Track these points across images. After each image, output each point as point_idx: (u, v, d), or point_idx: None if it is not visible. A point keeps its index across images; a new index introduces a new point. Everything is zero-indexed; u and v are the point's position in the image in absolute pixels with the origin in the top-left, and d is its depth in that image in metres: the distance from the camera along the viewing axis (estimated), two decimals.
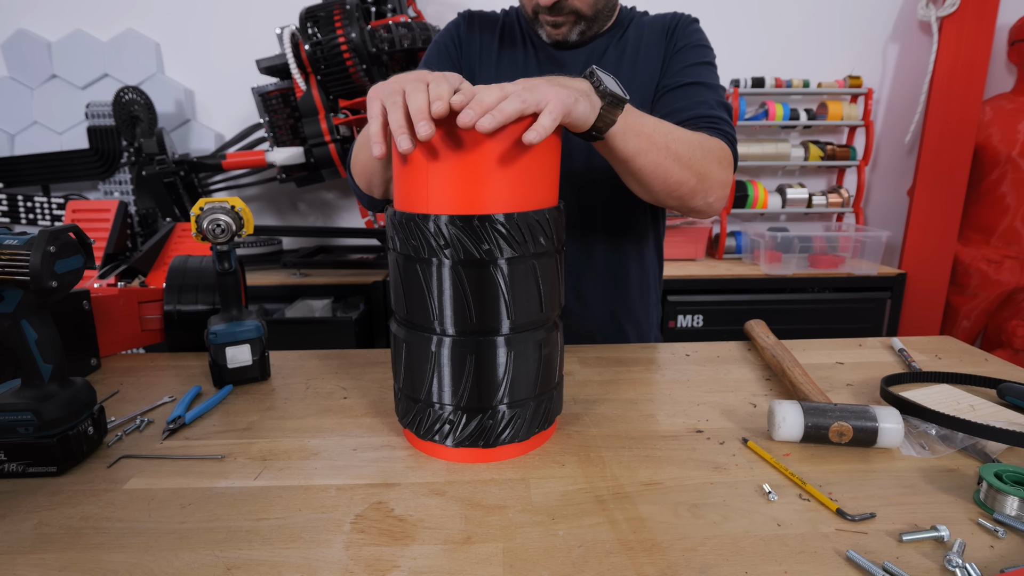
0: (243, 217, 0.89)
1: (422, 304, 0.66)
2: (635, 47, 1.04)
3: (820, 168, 2.74)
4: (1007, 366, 0.98)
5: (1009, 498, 0.57)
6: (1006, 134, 2.39)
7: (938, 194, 2.48)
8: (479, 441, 0.68)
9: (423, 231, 0.63)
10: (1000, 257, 2.45)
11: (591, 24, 1.02)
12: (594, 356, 1.02)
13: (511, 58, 1.09)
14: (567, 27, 1.01)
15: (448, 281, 0.64)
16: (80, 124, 2.46)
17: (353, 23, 1.96)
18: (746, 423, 0.78)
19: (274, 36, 2.28)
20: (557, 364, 0.73)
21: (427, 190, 0.63)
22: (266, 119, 2.18)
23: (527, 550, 0.54)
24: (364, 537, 0.55)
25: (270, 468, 0.67)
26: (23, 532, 0.56)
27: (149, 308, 1.07)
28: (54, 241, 0.64)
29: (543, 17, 1.00)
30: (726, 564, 0.52)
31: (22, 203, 2.31)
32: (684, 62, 1.00)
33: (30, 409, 0.64)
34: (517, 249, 0.64)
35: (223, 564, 0.52)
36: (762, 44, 2.58)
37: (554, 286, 0.69)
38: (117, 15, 2.42)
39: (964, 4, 2.33)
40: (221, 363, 0.88)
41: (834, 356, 1.03)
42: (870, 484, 0.64)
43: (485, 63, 1.10)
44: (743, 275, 2.34)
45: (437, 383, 0.67)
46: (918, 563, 0.51)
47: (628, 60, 1.04)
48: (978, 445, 0.71)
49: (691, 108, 0.95)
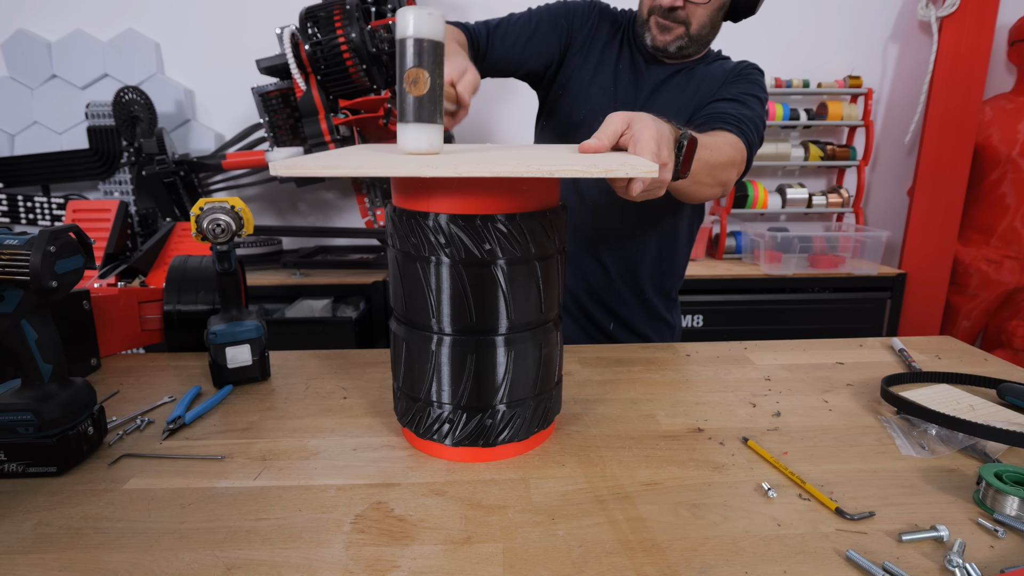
0: (243, 217, 0.89)
1: (421, 302, 0.66)
2: (701, 78, 1.12)
3: (820, 168, 2.74)
4: (1007, 366, 0.98)
5: (1009, 498, 0.57)
6: (1006, 134, 2.39)
7: (938, 194, 2.48)
8: (478, 440, 0.68)
9: (423, 229, 0.63)
10: (1000, 257, 2.45)
11: (691, 43, 1.09)
12: (594, 356, 1.02)
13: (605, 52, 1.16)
14: (672, 36, 1.08)
15: (448, 280, 0.64)
16: (80, 124, 2.46)
17: (353, 23, 1.96)
18: (746, 423, 0.78)
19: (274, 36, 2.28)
20: (557, 364, 0.73)
21: (428, 187, 0.63)
22: (266, 119, 2.18)
23: (527, 550, 0.54)
24: (364, 537, 0.55)
25: (270, 468, 0.67)
26: (23, 532, 0.56)
27: (149, 308, 1.07)
28: (54, 241, 0.64)
29: (655, 19, 1.08)
30: (726, 564, 0.52)
31: (22, 203, 2.31)
32: (734, 88, 1.08)
33: (30, 409, 0.64)
34: (518, 249, 0.63)
35: (223, 564, 0.52)
36: (762, 44, 2.58)
37: (554, 287, 0.69)
38: (117, 15, 2.42)
39: (964, 4, 2.33)
40: (221, 363, 0.88)
41: (834, 356, 1.03)
42: (870, 484, 0.64)
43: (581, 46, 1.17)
44: (743, 275, 2.34)
45: (437, 382, 0.67)
46: (918, 563, 0.51)
47: (691, 88, 1.12)
48: (978, 445, 0.71)
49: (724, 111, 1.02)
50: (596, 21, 1.18)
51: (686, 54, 1.12)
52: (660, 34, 1.09)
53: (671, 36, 1.08)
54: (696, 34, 1.08)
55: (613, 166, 0.56)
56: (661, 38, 1.09)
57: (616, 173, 0.56)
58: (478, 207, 0.62)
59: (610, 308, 1.22)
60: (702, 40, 1.10)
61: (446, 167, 0.54)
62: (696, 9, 1.04)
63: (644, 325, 1.25)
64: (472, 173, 0.54)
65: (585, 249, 1.19)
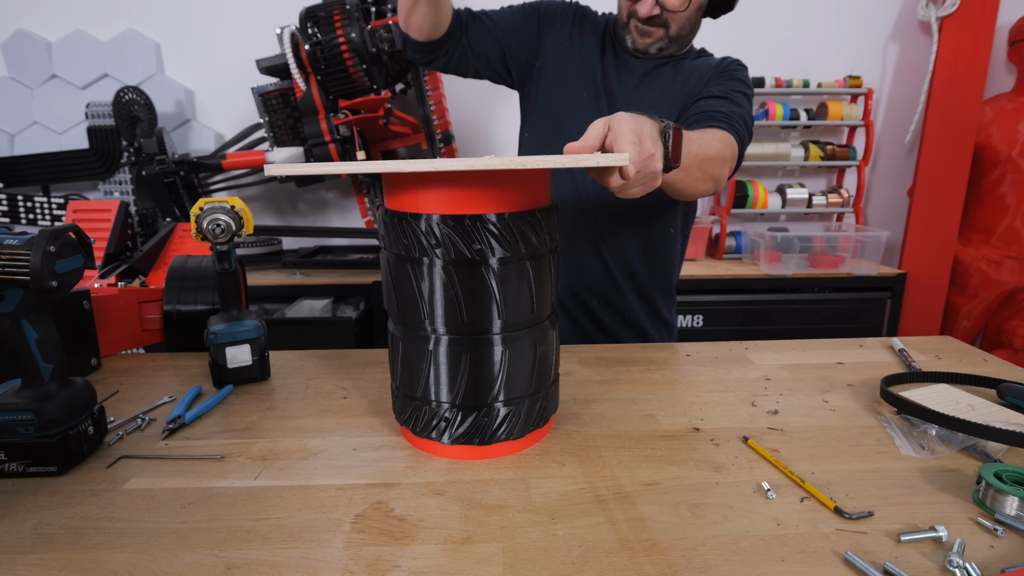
0: (243, 217, 0.89)
1: (413, 304, 0.66)
2: (688, 72, 1.14)
3: (820, 168, 2.74)
4: (1007, 366, 0.98)
5: (1009, 498, 0.57)
6: (1006, 134, 2.38)
7: (938, 194, 2.48)
8: (475, 438, 0.68)
9: (414, 230, 0.63)
10: (1000, 257, 2.45)
11: (671, 43, 1.12)
12: (594, 356, 1.02)
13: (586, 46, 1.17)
14: (652, 39, 1.11)
15: (439, 281, 0.64)
16: (80, 124, 2.45)
17: (353, 23, 1.96)
18: (746, 423, 0.78)
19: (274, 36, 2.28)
20: (552, 362, 0.73)
21: (418, 189, 0.63)
22: (266, 119, 2.18)
23: (527, 550, 0.54)
24: (364, 537, 0.55)
25: (270, 468, 0.67)
26: (23, 532, 0.56)
27: (149, 308, 1.07)
28: (54, 241, 0.64)
29: (634, 23, 1.11)
30: (726, 564, 0.52)
31: (22, 203, 2.31)
32: (720, 84, 1.10)
33: (30, 409, 0.64)
34: (508, 249, 0.64)
35: (223, 564, 0.52)
36: (762, 44, 2.58)
37: (546, 286, 0.69)
38: (117, 15, 2.42)
39: (964, 4, 2.33)
40: (221, 363, 0.88)
41: (834, 356, 1.03)
42: (870, 484, 0.64)
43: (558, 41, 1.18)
44: (743, 275, 2.34)
45: (434, 380, 0.67)
46: (918, 563, 0.51)
47: (679, 81, 1.14)
48: (978, 445, 0.71)
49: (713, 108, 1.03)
50: (573, 16, 1.20)
51: (667, 54, 1.15)
52: (640, 38, 1.12)
53: (651, 39, 1.12)
54: (676, 35, 1.11)
55: (586, 160, 0.58)
56: (641, 41, 1.12)
57: (587, 162, 0.57)
58: (468, 207, 0.62)
59: (608, 306, 1.23)
60: (682, 40, 1.13)
61: (425, 163, 0.58)
62: (675, 15, 1.07)
63: (643, 323, 1.26)
64: (449, 167, 0.58)
65: (583, 247, 1.19)
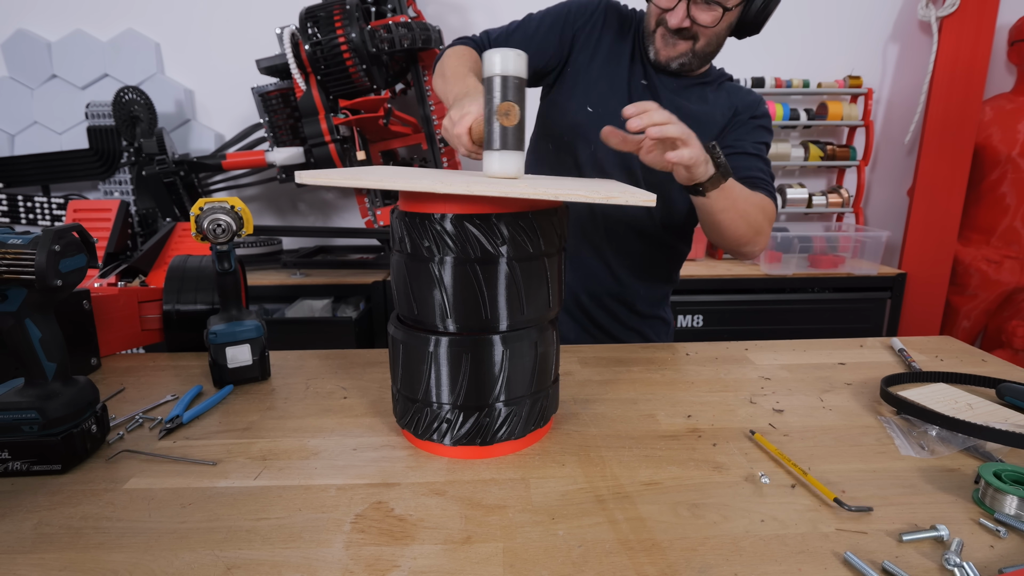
0: (243, 217, 0.89)
1: (427, 302, 0.66)
2: (717, 99, 1.14)
3: (820, 168, 2.74)
4: (1007, 366, 0.98)
5: (1009, 498, 0.57)
6: (1006, 134, 2.39)
7: (938, 194, 2.48)
8: (476, 439, 0.68)
9: (427, 230, 0.64)
10: (1000, 257, 2.45)
11: (694, 58, 1.09)
12: (593, 356, 1.02)
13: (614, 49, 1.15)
14: (677, 52, 1.07)
15: (451, 279, 0.65)
16: (80, 124, 2.45)
17: (353, 23, 1.96)
18: (746, 423, 0.78)
19: (274, 36, 2.28)
20: (553, 362, 0.73)
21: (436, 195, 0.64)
22: (266, 119, 2.18)
23: (527, 550, 0.54)
24: (364, 537, 0.55)
25: (270, 468, 0.68)
26: (23, 532, 0.56)
27: (149, 308, 1.07)
28: (59, 240, 0.64)
29: (661, 32, 1.07)
30: (726, 564, 0.52)
31: (22, 203, 2.31)
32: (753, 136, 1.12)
33: (34, 407, 0.64)
34: (520, 249, 0.64)
35: (223, 564, 0.52)
36: (762, 44, 2.57)
37: (556, 284, 0.70)
38: (117, 15, 2.42)
39: (964, 4, 2.33)
40: (221, 363, 0.88)
41: (834, 356, 1.03)
42: (870, 484, 0.64)
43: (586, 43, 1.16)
44: (743, 275, 2.34)
45: (435, 382, 0.68)
46: (918, 563, 0.51)
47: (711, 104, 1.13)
48: (978, 445, 0.71)
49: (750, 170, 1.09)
50: (603, 18, 1.16)
51: (688, 70, 1.11)
52: (664, 48, 1.08)
53: (675, 52, 1.07)
54: (701, 51, 1.07)
55: (614, 193, 0.58)
56: (665, 52, 1.08)
57: (616, 200, 0.58)
58: (482, 208, 0.64)
59: (609, 307, 1.23)
60: (706, 57, 1.09)
61: (459, 184, 0.58)
62: (705, 29, 1.04)
63: (643, 323, 1.26)
64: (483, 192, 0.58)
65: (587, 249, 1.19)
